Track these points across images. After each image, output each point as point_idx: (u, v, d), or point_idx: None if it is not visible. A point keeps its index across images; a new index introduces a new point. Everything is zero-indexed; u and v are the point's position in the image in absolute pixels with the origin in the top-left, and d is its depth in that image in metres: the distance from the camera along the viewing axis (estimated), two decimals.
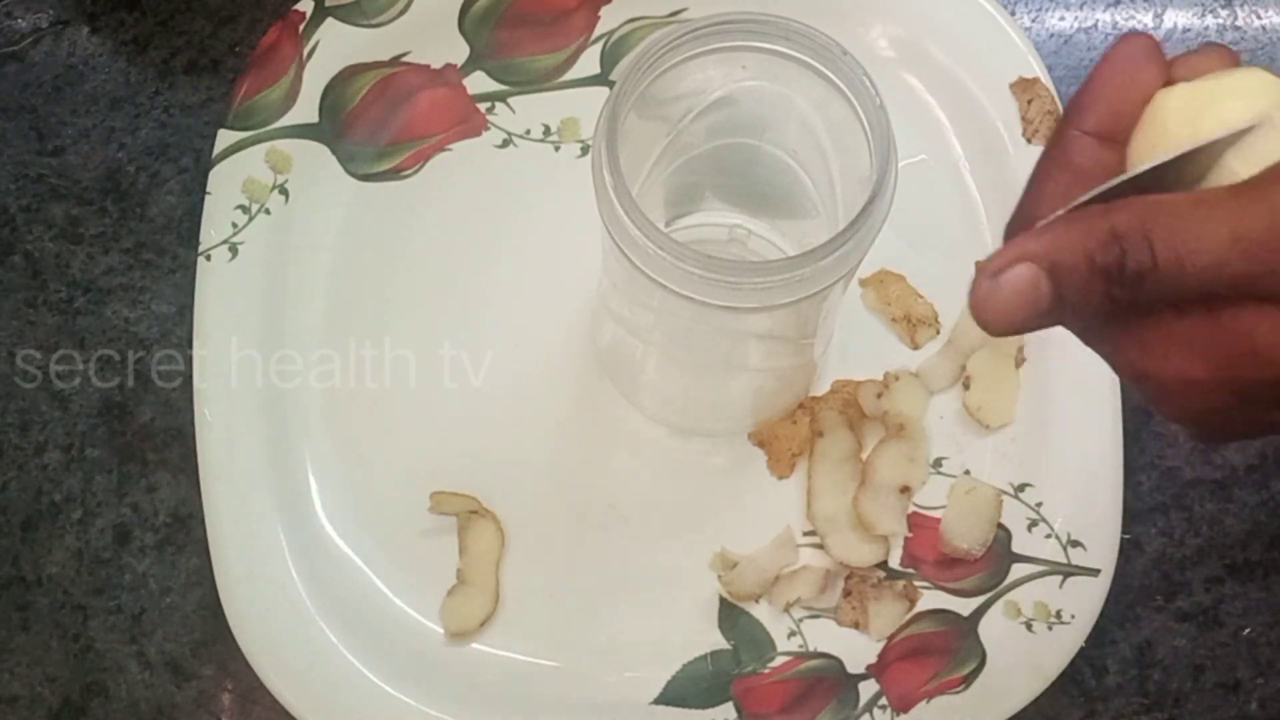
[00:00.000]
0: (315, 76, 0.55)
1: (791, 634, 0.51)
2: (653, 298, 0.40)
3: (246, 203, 0.54)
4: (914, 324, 0.54)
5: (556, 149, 0.56)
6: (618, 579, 0.52)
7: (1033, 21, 0.59)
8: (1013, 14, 0.57)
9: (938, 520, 0.52)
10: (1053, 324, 0.31)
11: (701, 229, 0.49)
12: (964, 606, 0.51)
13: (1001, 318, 0.31)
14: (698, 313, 0.39)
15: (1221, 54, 0.33)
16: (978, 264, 0.31)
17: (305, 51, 0.55)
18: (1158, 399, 0.32)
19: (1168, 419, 0.33)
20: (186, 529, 0.53)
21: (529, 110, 0.56)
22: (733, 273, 0.37)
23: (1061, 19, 0.59)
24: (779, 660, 0.51)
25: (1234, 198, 0.29)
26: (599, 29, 0.56)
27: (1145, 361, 0.31)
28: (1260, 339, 0.29)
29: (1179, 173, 0.31)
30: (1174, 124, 0.31)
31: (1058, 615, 0.50)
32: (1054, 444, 0.52)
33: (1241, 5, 0.59)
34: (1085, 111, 0.32)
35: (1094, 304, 0.30)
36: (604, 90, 0.56)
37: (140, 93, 0.57)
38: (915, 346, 0.54)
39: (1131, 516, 0.52)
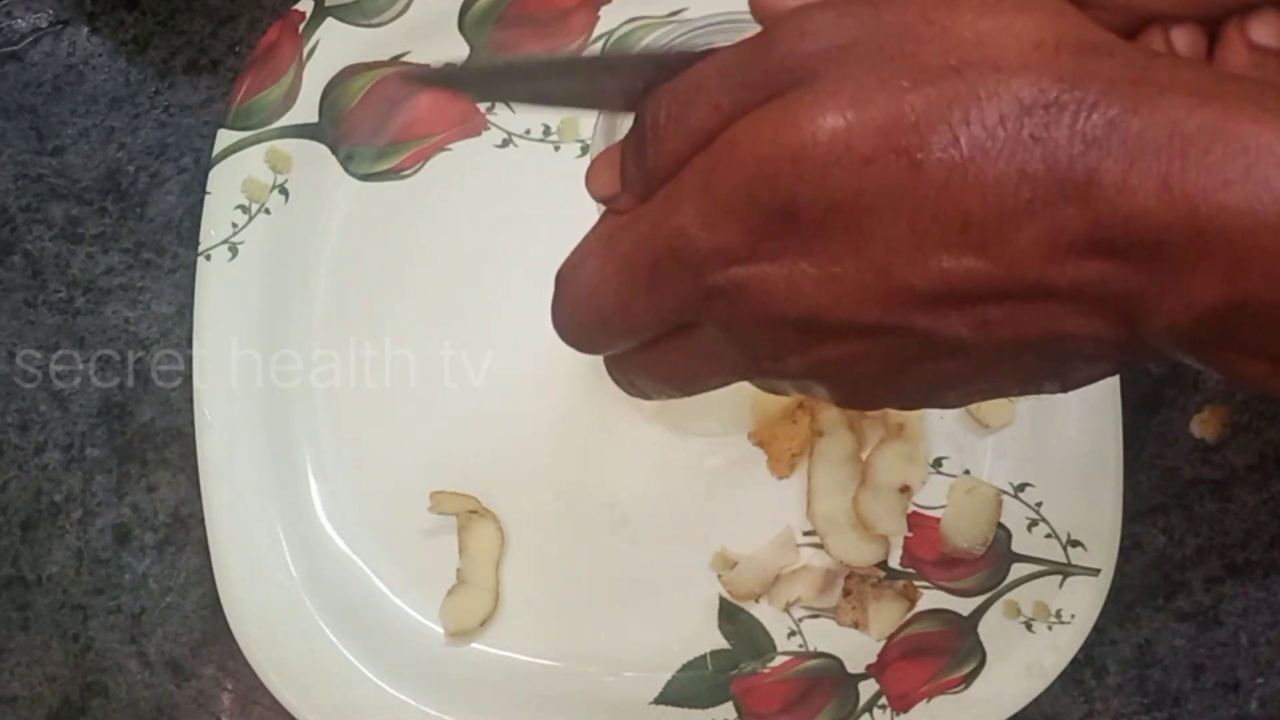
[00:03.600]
0: (315, 76, 0.55)
1: (791, 634, 0.51)
2: None
3: (246, 202, 0.54)
4: None
5: (556, 149, 0.56)
6: (618, 579, 0.52)
7: None
8: None
9: (938, 520, 0.52)
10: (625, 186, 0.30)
11: None
12: (964, 606, 0.51)
13: (592, 178, 0.31)
14: None
15: None
16: None
17: (305, 51, 0.55)
18: (673, 259, 0.28)
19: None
20: (186, 529, 0.53)
21: (529, 110, 0.56)
22: None
23: None
24: (779, 660, 0.51)
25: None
26: (599, 29, 0.56)
27: (657, 213, 0.28)
28: (733, 134, 0.26)
29: None
30: None
31: (1057, 615, 0.50)
32: (1054, 444, 0.52)
33: None
34: None
35: (635, 164, 0.29)
36: None
37: (140, 93, 0.57)
38: None
39: (1131, 516, 0.52)
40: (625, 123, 0.39)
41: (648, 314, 0.29)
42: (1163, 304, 0.25)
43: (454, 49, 0.56)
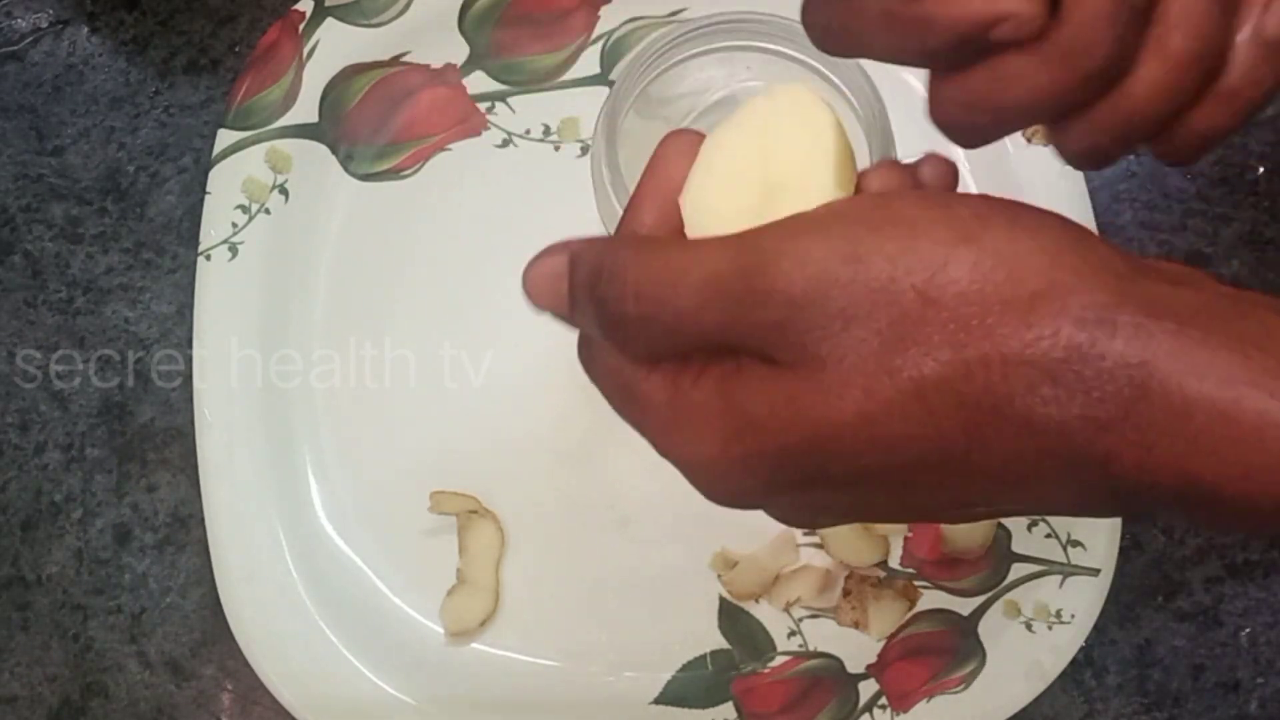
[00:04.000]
0: (315, 76, 0.55)
1: (791, 634, 0.51)
2: None
3: (246, 202, 0.54)
4: None
5: (556, 149, 0.56)
6: (618, 579, 0.52)
7: None
8: None
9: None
10: (578, 326, 0.31)
11: None
12: (964, 606, 0.51)
13: (532, 291, 0.32)
14: None
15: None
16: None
17: (305, 51, 0.55)
18: (692, 482, 0.31)
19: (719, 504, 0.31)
20: (186, 529, 0.53)
21: (529, 110, 0.56)
22: None
23: None
24: (779, 660, 0.51)
25: (718, 240, 0.27)
26: (599, 29, 0.56)
27: (662, 438, 0.30)
28: (750, 404, 0.27)
29: None
30: (691, 220, 0.30)
31: (1057, 615, 0.50)
32: None
33: None
34: (640, 212, 0.31)
35: (596, 326, 0.29)
36: (604, 90, 0.56)
37: (140, 93, 0.57)
38: None
39: (1131, 516, 0.52)
40: (625, 123, 0.39)
41: None
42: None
43: (454, 49, 0.56)
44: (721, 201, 0.29)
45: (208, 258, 0.53)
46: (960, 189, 0.58)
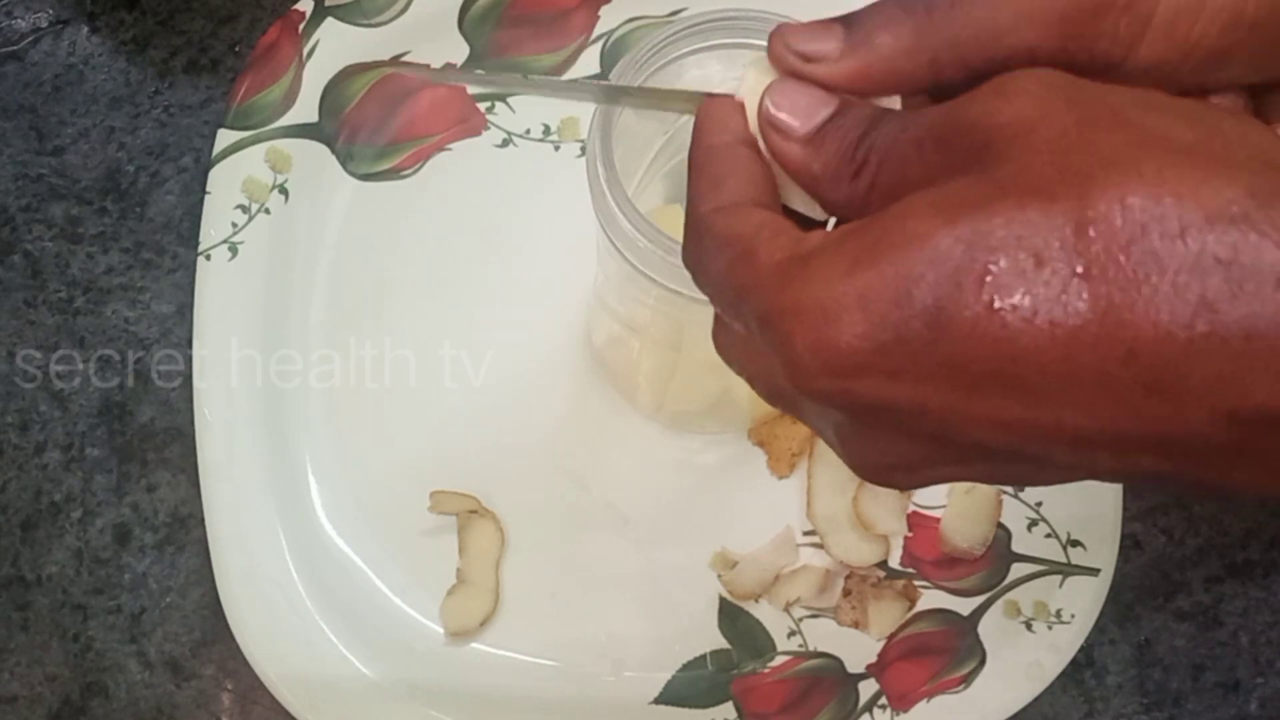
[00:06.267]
0: (315, 76, 0.55)
1: (791, 633, 0.51)
2: (648, 294, 0.40)
3: (246, 202, 0.54)
4: None
5: (556, 149, 0.56)
6: (618, 579, 0.52)
7: None
8: None
9: (938, 520, 0.52)
10: (808, 161, 0.27)
11: None
12: (964, 606, 0.51)
13: (782, 106, 0.27)
14: (691, 308, 0.39)
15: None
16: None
17: (305, 51, 0.55)
18: (785, 346, 0.24)
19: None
20: (186, 529, 0.53)
21: (529, 110, 0.56)
22: None
23: None
24: (779, 660, 0.51)
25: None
26: (599, 29, 0.56)
27: (774, 285, 0.25)
28: (892, 218, 0.23)
29: None
30: None
31: (1057, 615, 0.50)
32: None
33: None
34: (716, 192, 0.28)
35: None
36: None
37: (140, 92, 0.57)
38: None
39: (1131, 516, 0.52)
40: (621, 120, 0.39)
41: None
42: None
43: (454, 49, 0.56)
44: None
45: (208, 258, 0.53)
46: None
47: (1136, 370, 0.21)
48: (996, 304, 0.22)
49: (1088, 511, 0.51)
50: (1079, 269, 0.21)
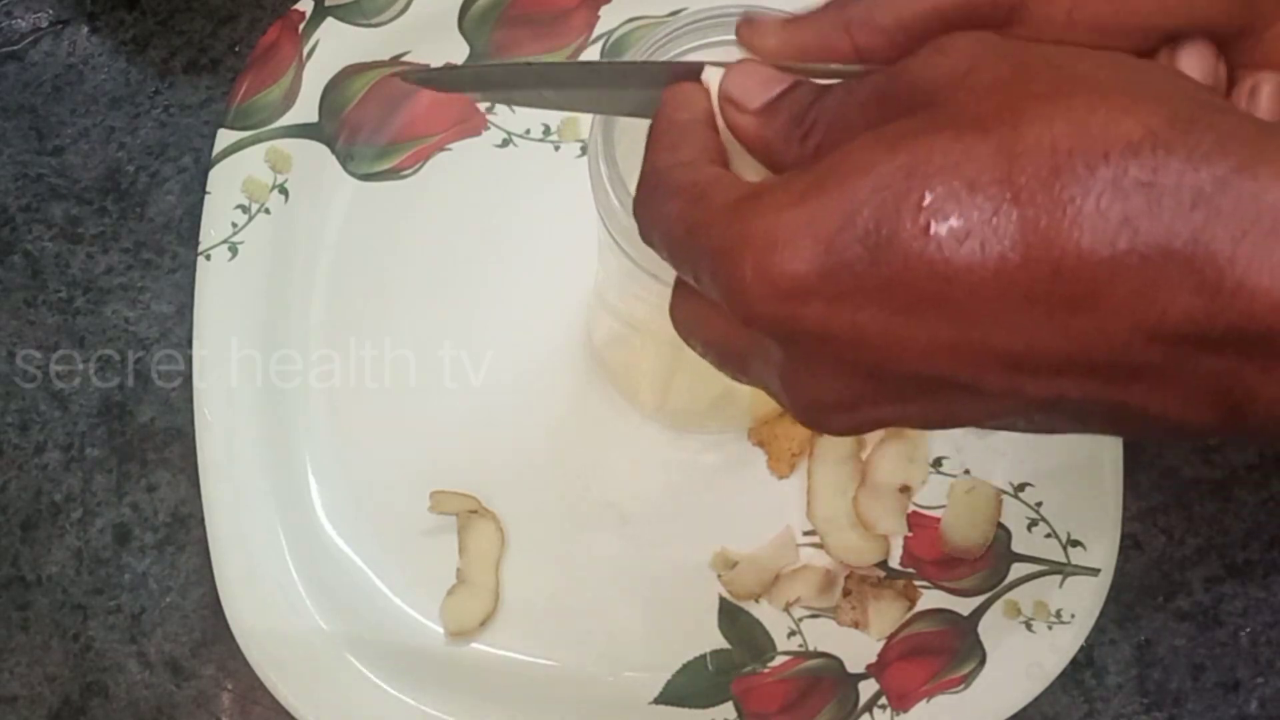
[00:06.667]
0: (315, 76, 0.55)
1: (791, 633, 0.51)
2: (649, 291, 0.40)
3: (246, 202, 0.54)
4: None
5: (556, 149, 0.56)
6: (618, 579, 0.52)
7: None
8: None
9: (938, 520, 0.52)
10: (761, 129, 0.29)
11: None
12: (964, 606, 0.51)
13: (739, 81, 0.29)
14: None
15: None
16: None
17: (305, 51, 0.55)
18: (772, 321, 0.25)
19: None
20: (186, 529, 0.53)
21: (529, 110, 0.56)
22: None
23: None
24: (779, 660, 0.51)
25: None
26: (599, 28, 0.56)
27: (751, 258, 0.25)
28: (849, 158, 0.24)
29: None
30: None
31: (1057, 615, 0.50)
32: (1054, 443, 0.52)
33: None
34: (674, 152, 0.29)
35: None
36: None
37: (140, 92, 0.57)
38: None
39: (1131, 516, 0.52)
40: (624, 121, 0.39)
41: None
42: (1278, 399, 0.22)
43: (454, 49, 0.56)
44: None
45: (208, 258, 0.53)
46: None
47: (1062, 287, 0.22)
48: (932, 228, 0.23)
49: (1088, 512, 0.51)
50: (1009, 194, 0.22)
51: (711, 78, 0.31)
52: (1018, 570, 0.51)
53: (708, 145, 0.29)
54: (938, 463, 0.53)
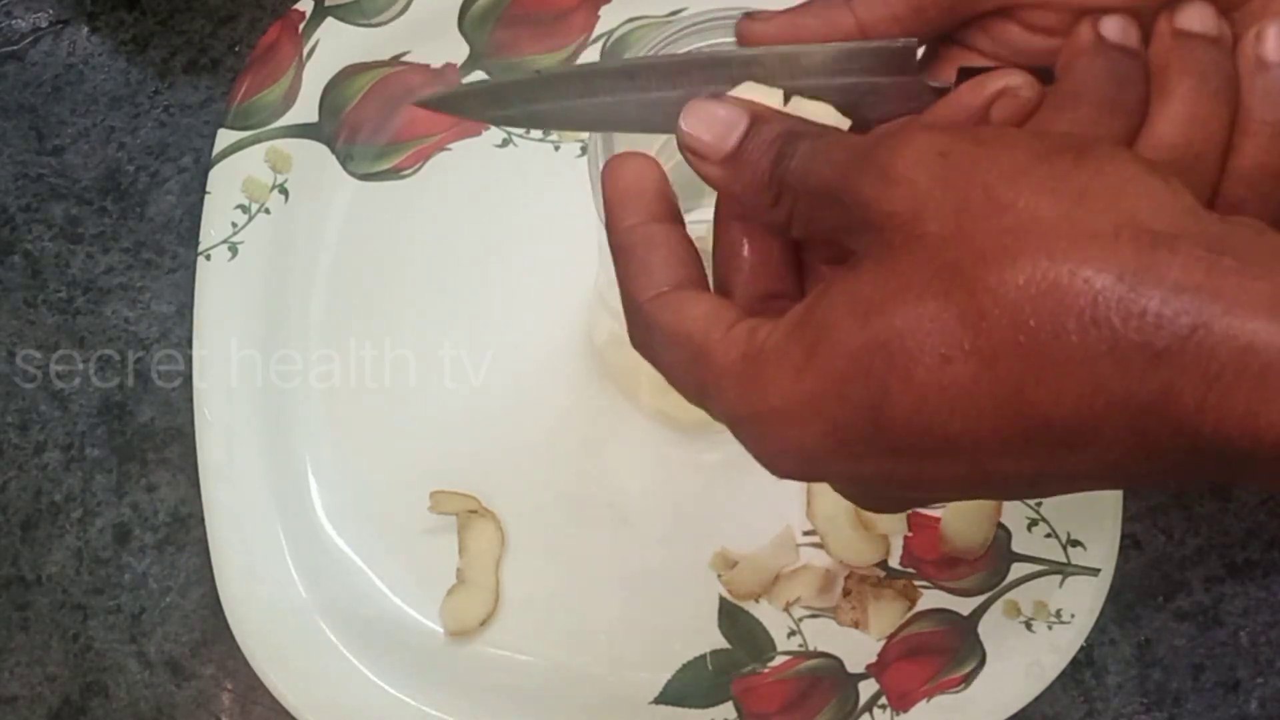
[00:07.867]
0: (315, 76, 0.55)
1: (791, 633, 0.51)
2: None
3: (246, 202, 0.54)
4: None
5: (556, 148, 0.56)
6: (617, 578, 0.52)
7: None
8: None
9: (938, 520, 0.52)
10: (722, 181, 0.30)
11: (703, 225, 0.49)
12: (964, 606, 0.51)
13: (694, 128, 0.30)
14: None
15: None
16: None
17: (305, 51, 0.55)
18: (756, 445, 0.29)
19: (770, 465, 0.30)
20: (186, 529, 0.53)
21: None
22: None
23: None
24: (779, 660, 0.51)
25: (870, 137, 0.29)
26: (599, 28, 0.56)
27: (733, 391, 0.28)
28: (824, 310, 0.27)
29: None
30: None
31: (1057, 615, 0.50)
32: None
33: None
34: (648, 277, 0.31)
35: (756, 183, 0.29)
36: None
37: (140, 92, 0.57)
38: None
39: (1131, 516, 0.52)
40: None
41: None
42: (1252, 481, 0.26)
43: (454, 49, 0.56)
44: None
45: (208, 258, 0.53)
46: None
47: (1056, 435, 0.25)
48: (921, 404, 0.25)
49: (1088, 511, 0.51)
50: (984, 364, 0.24)
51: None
52: (1018, 570, 0.51)
53: (674, 253, 0.31)
54: None
